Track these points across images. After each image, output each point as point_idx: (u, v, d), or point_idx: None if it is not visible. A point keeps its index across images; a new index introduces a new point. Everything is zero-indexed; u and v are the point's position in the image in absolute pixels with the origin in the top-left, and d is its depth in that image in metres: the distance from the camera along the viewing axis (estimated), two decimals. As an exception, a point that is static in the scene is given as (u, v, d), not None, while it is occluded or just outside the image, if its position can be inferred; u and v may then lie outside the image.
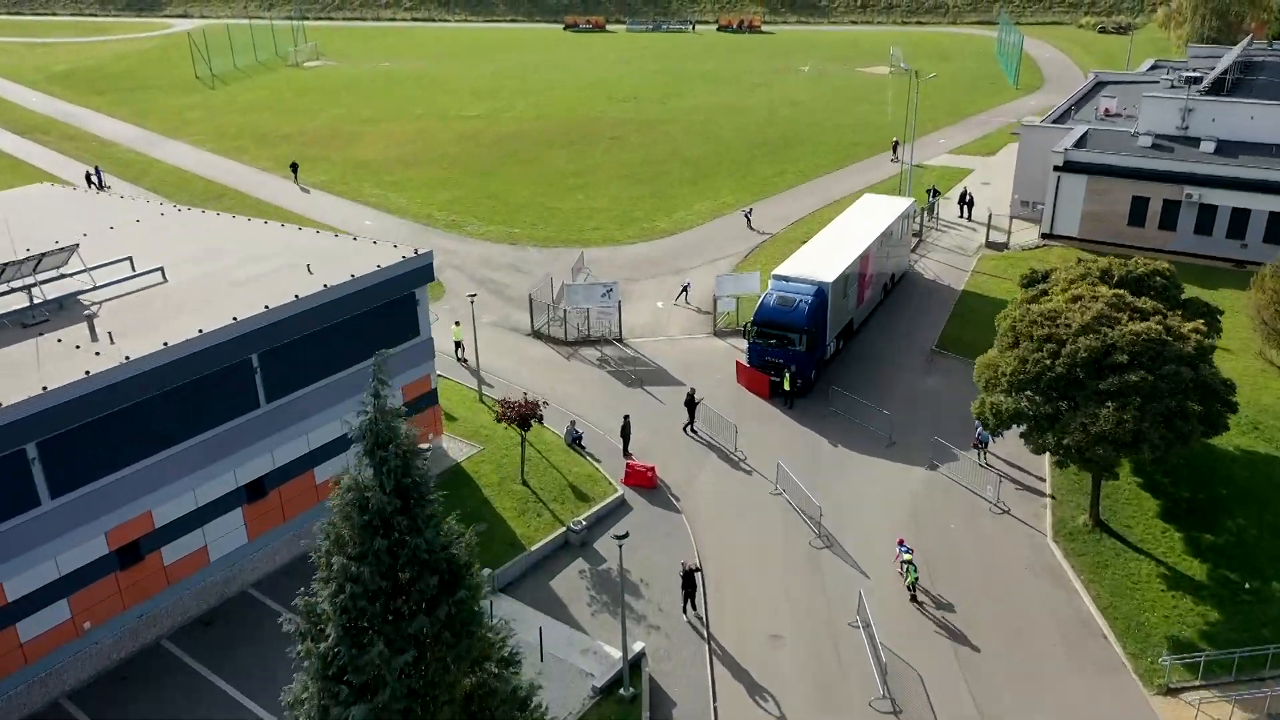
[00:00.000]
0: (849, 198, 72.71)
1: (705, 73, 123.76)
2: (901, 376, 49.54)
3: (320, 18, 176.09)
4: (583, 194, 77.58)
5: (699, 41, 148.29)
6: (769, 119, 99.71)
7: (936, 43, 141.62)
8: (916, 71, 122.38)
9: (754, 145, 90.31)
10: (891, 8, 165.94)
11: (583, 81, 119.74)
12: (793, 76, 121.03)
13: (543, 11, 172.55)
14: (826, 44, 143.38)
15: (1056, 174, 61.71)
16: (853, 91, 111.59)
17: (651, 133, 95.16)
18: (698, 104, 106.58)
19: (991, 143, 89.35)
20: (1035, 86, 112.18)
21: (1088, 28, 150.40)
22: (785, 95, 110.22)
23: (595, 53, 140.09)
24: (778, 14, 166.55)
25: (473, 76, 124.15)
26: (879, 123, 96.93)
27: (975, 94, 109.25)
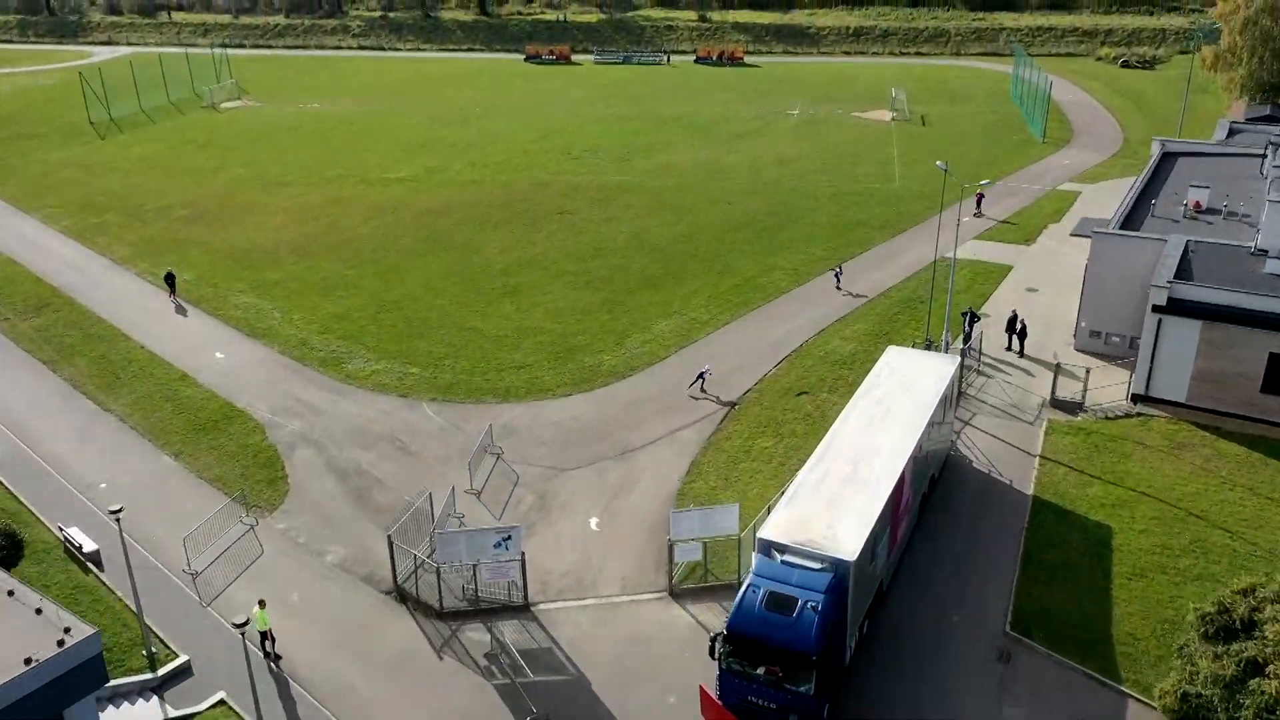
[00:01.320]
0: (859, 318, 53.92)
1: (679, 117, 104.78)
2: (966, 696, 30.38)
3: (259, 45, 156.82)
4: (513, 302, 58.49)
5: (674, 75, 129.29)
6: (753, 185, 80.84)
7: (941, 79, 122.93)
8: (924, 117, 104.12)
9: (734, 224, 71.43)
10: (887, 36, 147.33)
11: (537, 130, 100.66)
12: (779, 122, 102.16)
13: (504, 40, 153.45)
14: (816, 79, 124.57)
15: (1156, 316, 42.70)
16: (850, 145, 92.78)
17: (610, 205, 76.16)
18: (668, 162, 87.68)
19: (1027, 223, 70.71)
20: (1064, 140, 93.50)
21: (1107, 60, 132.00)
22: (772, 150, 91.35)
23: (557, 90, 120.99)
24: (762, 42, 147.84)
25: (411, 123, 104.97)
26: (885, 192, 78.12)
27: (994, 149, 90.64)
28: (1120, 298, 48.70)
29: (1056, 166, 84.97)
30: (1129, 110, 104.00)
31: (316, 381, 49.76)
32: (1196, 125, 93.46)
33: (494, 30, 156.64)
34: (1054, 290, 58.50)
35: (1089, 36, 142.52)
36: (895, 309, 56.98)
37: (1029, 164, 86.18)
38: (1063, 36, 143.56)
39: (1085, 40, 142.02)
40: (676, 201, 77.06)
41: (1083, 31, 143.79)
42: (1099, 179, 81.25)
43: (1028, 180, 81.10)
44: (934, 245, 60.26)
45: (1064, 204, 74.88)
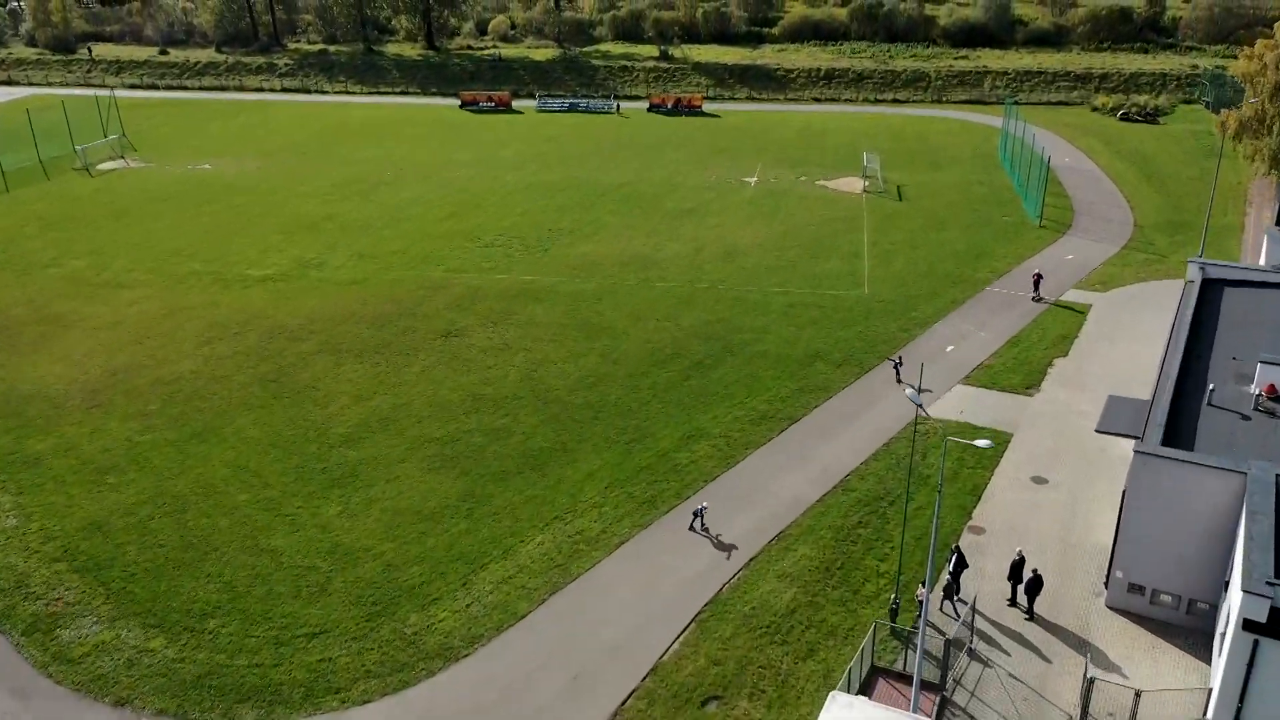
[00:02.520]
0: (805, 534, 37.94)
1: (619, 187, 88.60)
2: None
3: (174, 86, 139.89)
4: (342, 497, 42.19)
5: (623, 127, 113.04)
6: (690, 289, 64.80)
7: (920, 134, 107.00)
8: (900, 188, 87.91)
9: (658, 355, 55.48)
10: (861, 80, 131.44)
11: (450, 203, 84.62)
12: (734, 193, 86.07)
13: (443, 81, 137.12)
14: (781, 133, 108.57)
15: (1250, 636, 26.50)
16: (813, 229, 76.88)
17: (509, 323, 59.98)
18: (594, 254, 71.70)
19: (1027, 357, 54.82)
20: (1064, 223, 77.55)
21: (1104, 111, 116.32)
22: (720, 235, 75.28)
23: (486, 146, 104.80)
24: (725, 86, 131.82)
25: (308, 191, 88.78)
26: (850, 303, 62.02)
27: (982, 234, 74.95)
28: (1173, 542, 32.72)
29: (1057, 262, 69.00)
30: (1136, 180, 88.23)
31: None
32: (1219, 200, 77.66)
33: (433, 70, 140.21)
34: (1071, 483, 42.46)
35: (1082, 82, 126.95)
36: (855, 517, 40.83)
37: (1024, 258, 70.23)
38: (1053, 81, 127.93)
39: (1078, 86, 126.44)
40: (593, 316, 60.78)
41: (1075, 76, 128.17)
42: (1112, 283, 65.38)
43: (1024, 283, 65.06)
44: (907, 398, 44.11)
45: (1071, 325, 58.89)
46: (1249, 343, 42.52)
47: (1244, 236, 74.00)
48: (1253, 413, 37.12)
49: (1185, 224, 76.37)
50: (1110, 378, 51.89)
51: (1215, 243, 72.06)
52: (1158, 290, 63.58)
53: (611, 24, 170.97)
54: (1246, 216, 78.55)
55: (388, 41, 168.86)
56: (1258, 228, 75.91)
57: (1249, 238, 73.86)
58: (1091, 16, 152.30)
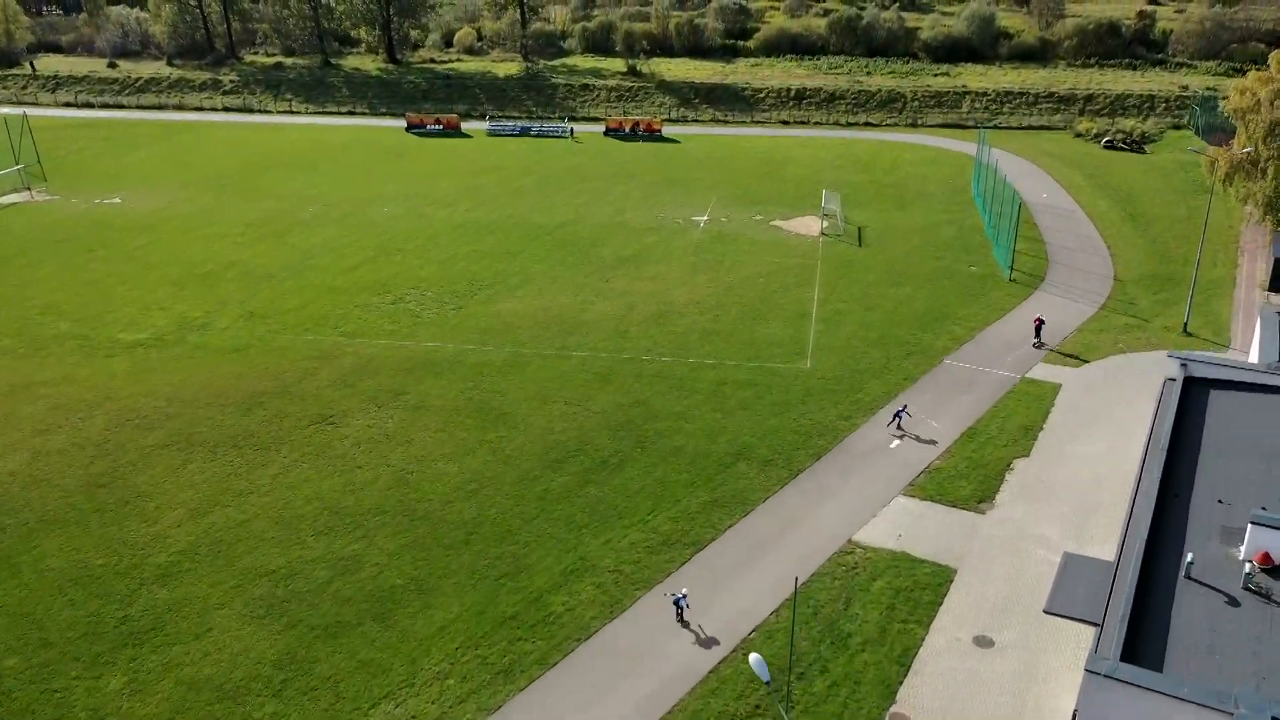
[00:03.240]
0: None
1: (555, 228, 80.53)
2: None
3: (109, 105, 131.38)
4: (131, 668, 34.18)
5: (574, 155, 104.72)
6: (610, 361, 56.79)
7: (891, 163, 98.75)
8: (861, 231, 79.52)
9: (556, 453, 47.58)
10: (833, 101, 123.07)
11: (367, 248, 76.67)
12: (680, 236, 77.89)
13: (395, 100, 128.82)
14: (742, 162, 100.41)
15: None
16: (760, 282, 69.02)
17: (396, 405, 52.04)
18: (511, 314, 63.92)
19: (981, 457, 46.71)
20: (1037, 275, 69.40)
21: (1087, 138, 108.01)
22: (655, 292, 67.26)
23: (423, 177, 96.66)
24: (690, 107, 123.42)
25: (217, 232, 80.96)
26: (789, 379, 54.06)
27: (945, 290, 67.22)
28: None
29: (1025, 326, 60.81)
30: (1118, 222, 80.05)
31: None
32: (1208, 247, 69.54)
33: (385, 88, 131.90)
34: (1023, 645, 34.44)
35: (1066, 104, 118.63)
36: (752, 700, 32.41)
37: (989, 322, 61.95)
38: (1035, 103, 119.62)
39: (1062, 108, 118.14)
40: (493, 397, 52.63)
41: (1058, 97, 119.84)
42: (1086, 355, 57.25)
43: (984, 355, 56.90)
44: (841, 514, 36.12)
45: (1036, 412, 50.64)
46: (1239, 476, 34.39)
47: (1235, 294, 65.82)
48: (1242, 593, 28.86)
49: (1171, 277, 68.22)
50: (1077, 489, 43.81)
51: (1203, 303, 63.93)
52: (1137, 366, 55.43)
53: (581, 36, 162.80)
54: (1238, 268, 70.36)
55: (349, 54, 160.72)
56: (1250, 281, 67.77)
57: (1240, 295, 65.69)
58: (1078, 31, 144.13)
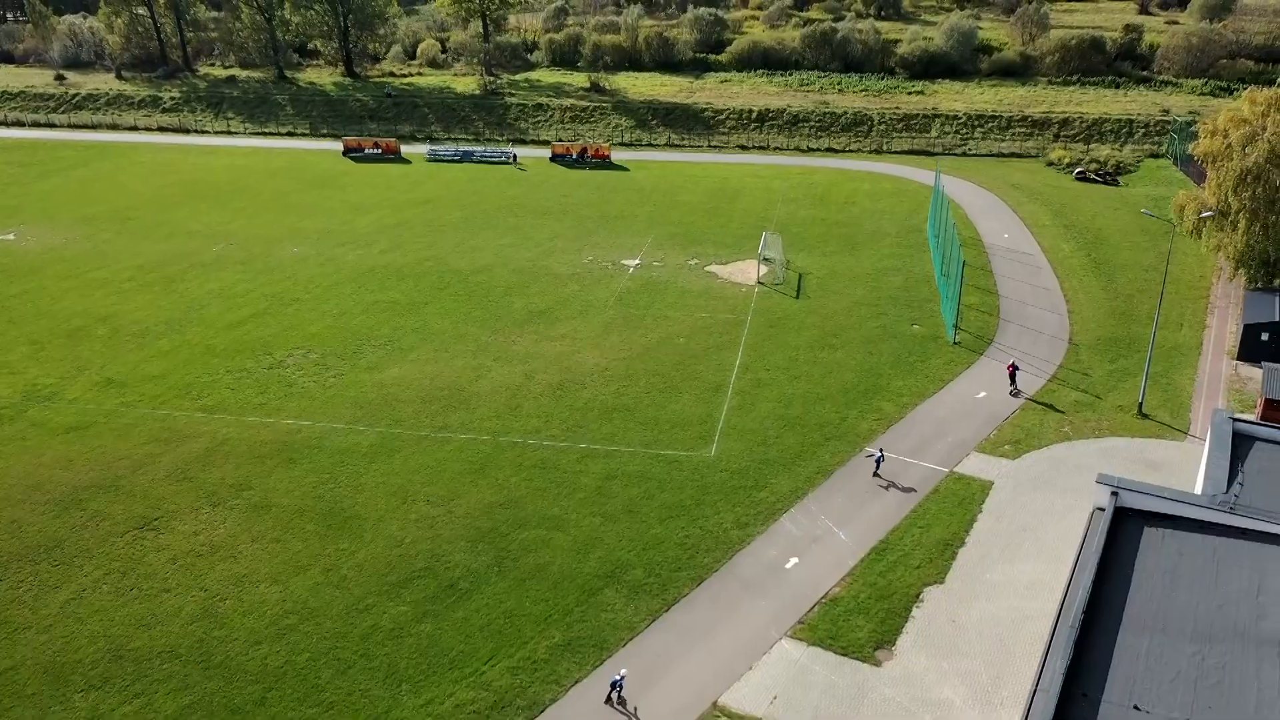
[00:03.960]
0: None
1: (471, 274, 74.33)
2: None
3: (39, 124, 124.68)
4: None
5: (512, 185, 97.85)
6: (489, 451, 50.67)
7: (848, 196, 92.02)
8: (802, 279, 72.61)
9: (398, 578, 41.79)
10: (796, 124, 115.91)
11: (261, 295, 70.49)
12: (605, 283, 71.48)
13: (340, 120, 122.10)
14: (690, 194, 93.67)
15: None
16: (683, 344, 62.75)
17: (230, 508, 45.77)
18: (395, 383, 57.62)
19: (889, 582, 40.70)
20: (986, 336, 62.42)
21: (1060, 167, 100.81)
22: (562, 356, 61.10)
23: (343, 211, 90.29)
24: (646, 129, 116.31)
25: (98, 278, 75.12)
26: (689, 470, 47.45)
27: (881, 356, 60.76)
28: None
29: (963, 403, 53.87)
30: (1081, 270, 73.15)
31: None
32: (1175, 305, 62.63)
33: (331, 108, 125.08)
34: None
35: (1040, 128, 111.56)
36: None
37: (924, 396, 55.03)
38: (1008, 127, 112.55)
39: (1035, 133, 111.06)
40: (346, 496, 46.03)
41: (1032, 122, 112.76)
42: (1026, 443, 50.49)
43: (913, 440, 50.10)
44: (711, 665, 29.63)
45: (960, 522, 43.86)
46: (1165, 668, 27.46)
47: (1201, 364, 58.81)
48: None
49: (1132, 341, 61.25)
50: (993, 633, 37.11)
51: (1164, 374, 57.04)
52: (1080, 460, 48.58)
53: (549, 48, 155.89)
54: (1207, 329, 63.31)
55: (307, 66, 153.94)
56: (1218, 348, 60.77)
57: (1206, 365, 58.65)
58: (1060, 46, 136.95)
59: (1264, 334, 57.76)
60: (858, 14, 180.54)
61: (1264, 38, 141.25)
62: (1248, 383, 56.11)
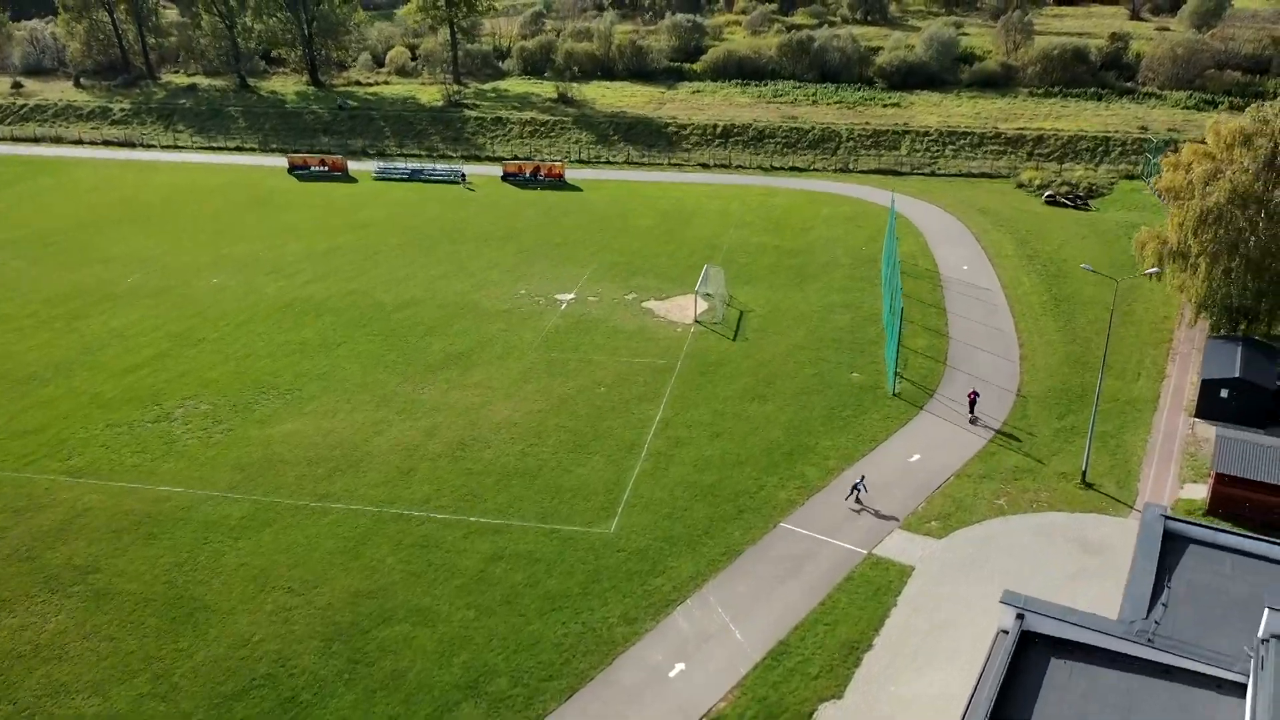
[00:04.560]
0: None
1: (394, 310, 70.16)
2: None
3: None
4: None
5: (458, 207, 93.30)
6: (369, 526, 46.75)
7: (804, 223, 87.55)
8: (743, 317, 68.10)
9: (233, 689, 38.04)
10: (761, 140, 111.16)
11: (159, 339, 66.32)
12: (533, 321, 67.16)
13: (293, 134, 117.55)
14: (641, 217, 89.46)
15: None
16: (604, 394, 58.52)
17: (69, 595, 42.34)
18: (286, 440, 53.41)
19: (782, 696, 36.23)
20: (928, 386, 57.78)
21: (1030, 189, 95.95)
22: (471, 408, 57.03)
23: (275, 235, 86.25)
24: (607, 144, 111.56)
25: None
26: (585, 548, 43.10)
27: (812, 410, 56.37)
28: None
29: (894, 468, 49.41)
30: (1040, 307, 68.61)
31: None
32: (1134, 351, 57.94)
33: (284, 120, 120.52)
34: None
35: (1014, 146, 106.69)
36: None
37: (853, 458, 50.61)
38: (980, 144, 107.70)
39: (1008, 151, 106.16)
40: (200, 581, 42.07)
41: (1005, 139, 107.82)
42: (956, 517, 45.92)
43: (833, 515, 45.67)
44: None
45: (869, 618, 39.57)
46: None
47: (1156, 421, 54.14)
48: None
49: (1085, 392, 56.56)
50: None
51: (1116, 433, 52.48)
52: (1014, 540, 44.03)
53: (520, 56, 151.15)
54: (1166, 379, 58.54)
55: (273, 74, 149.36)
56: (1177, 401, 56.07)
57: (1161, 423, 53.96)
58: (1043, 57, 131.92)
59: (1223, 390, 52.95)
60: (843, 19, 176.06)
61: (1253, 46, 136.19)
62: (1204, 445, 51.42)
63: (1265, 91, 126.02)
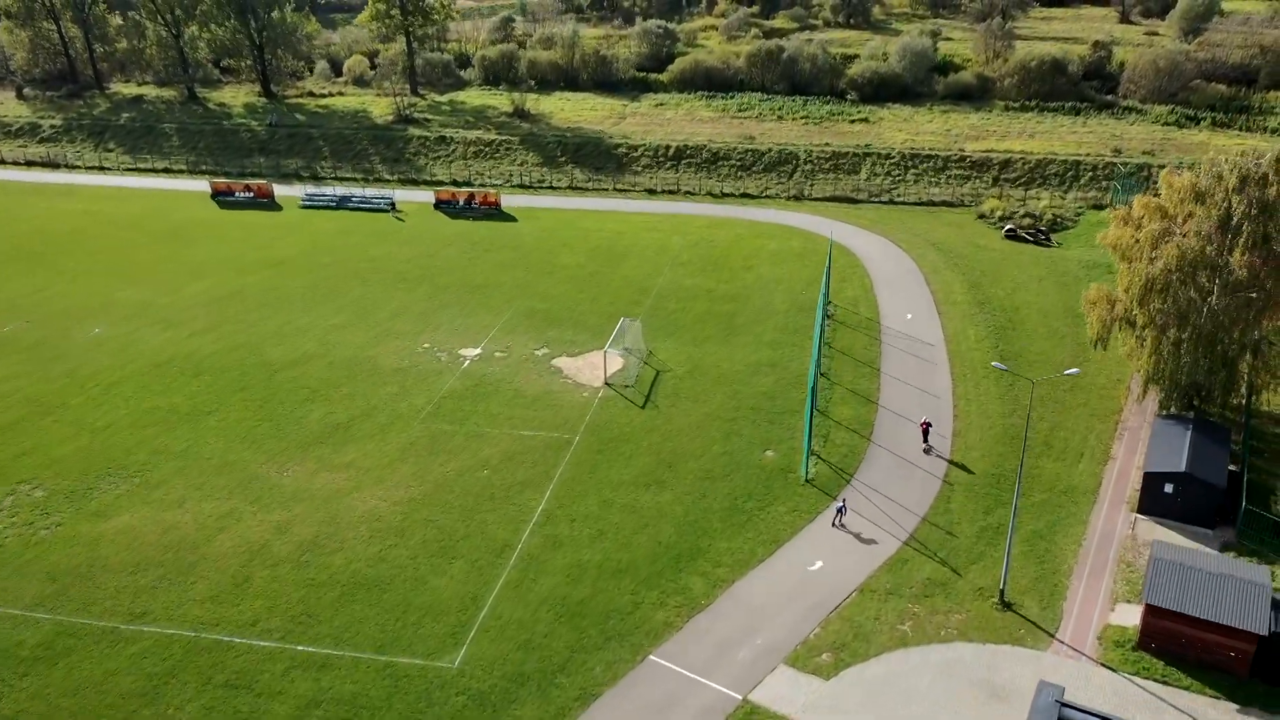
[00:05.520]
0: None
1: (280, 370, 64.41)
2: None
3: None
4: None
5: (381, 240, 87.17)
6: (183, 653, 41.70)
7: (747, 258, 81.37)
8: (659, 378, 61.74)
9: None
10: (715, 163, 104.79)
11: (13, 406, 60.21)
12: (421, 392, 61.70)
13: (226, 153, 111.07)
14: (573, 253, 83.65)
15: None
16: (485, 480, 53.01)
17: None
18: (115, 537, 48.11)
19: None
20: (846, 469, 51.42)
21: (991, 220, 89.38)
22: (334, 496, 51.63)
23: (180, 274, 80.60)
24: (554, 165, 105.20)
25: None
26: (420, 689, 38.27)
27: (712, 502, 50.51)
28: None
29: (792, 579, 43.68)
30: (982, 371, 62.58)
31: None
32: (1078, 426, 51.57)
33: (220, 139, 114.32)
34: None
35: (979, 170, 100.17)
36: None
37: (749, 566, 44.50)
38: (944, 168, 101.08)
39: (973, 176, 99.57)
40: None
41: (971, 163, 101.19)
42: (848, 650, 40.25)
43: (711, 644, 39.65)
44: None
45: (726, 797, 32.81)
46: None
47: (1093, 519, 47.67)
48: None
49: (1025, 476, 49.85)
50: None
51: (1044, 536, 46.34)
52: (911, 684, 38.00)
53: (481, 65, 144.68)
54: (1111, 462, 52.12)
55: (226, 84, 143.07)
56: (1118, 493, 49.72)
57: (1098, 522, 47.53)
58: (1020, 68, 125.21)
59: (1168, 485, 46.56)
60: (825, 22, 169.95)
61: (1241, 54, 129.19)
62: (1144, 551, 45.04)
63: (1250, 106, 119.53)
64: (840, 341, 66.19)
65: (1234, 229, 49.12)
